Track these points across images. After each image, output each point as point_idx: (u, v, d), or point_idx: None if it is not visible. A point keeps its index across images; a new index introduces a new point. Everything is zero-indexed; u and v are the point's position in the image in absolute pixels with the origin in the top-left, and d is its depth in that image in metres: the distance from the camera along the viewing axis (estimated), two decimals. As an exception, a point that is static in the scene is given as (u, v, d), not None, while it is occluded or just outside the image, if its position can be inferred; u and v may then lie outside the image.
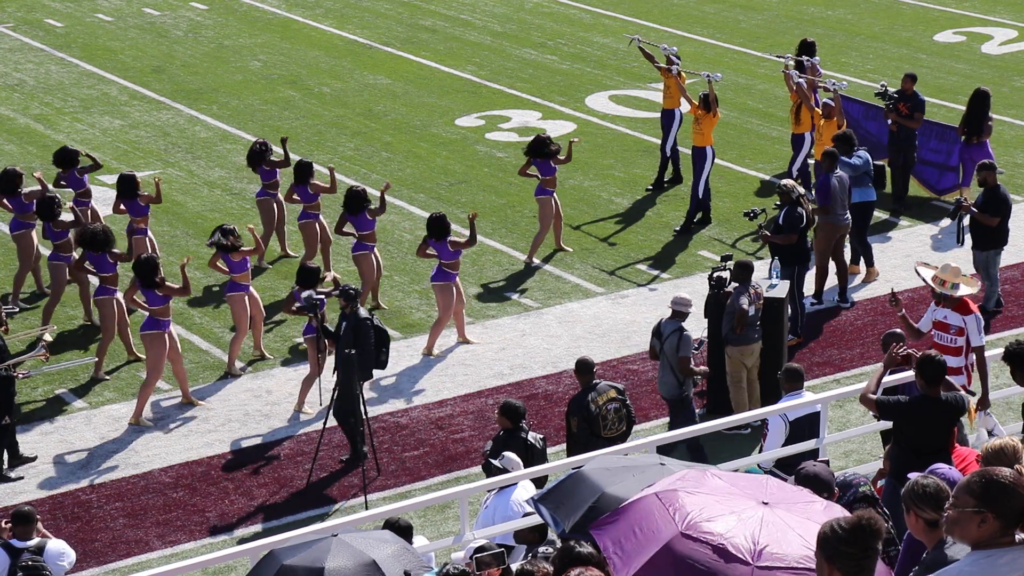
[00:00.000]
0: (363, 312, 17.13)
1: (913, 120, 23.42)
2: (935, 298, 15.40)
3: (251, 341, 19.54)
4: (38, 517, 13.34)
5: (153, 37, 33.54)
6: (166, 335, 17.96)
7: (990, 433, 14.12)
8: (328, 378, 18.00)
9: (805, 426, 14.51)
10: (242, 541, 15.25)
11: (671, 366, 16.62)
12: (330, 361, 17.78)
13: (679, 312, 16.80)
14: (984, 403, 14.77)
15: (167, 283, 17.92)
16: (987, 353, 16.76)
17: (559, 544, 9.93)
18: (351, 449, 17.11)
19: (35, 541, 12.96)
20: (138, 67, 31.40)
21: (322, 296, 17.41)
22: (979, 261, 20.24)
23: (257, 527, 16.07)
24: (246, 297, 18.99)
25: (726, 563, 8.01)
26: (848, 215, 20.55)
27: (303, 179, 20.99)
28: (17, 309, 20.37)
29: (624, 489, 10.23)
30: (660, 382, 16.94)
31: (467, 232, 19.87)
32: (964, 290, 15.24)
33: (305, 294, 17.40)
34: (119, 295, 18.91)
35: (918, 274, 15.87)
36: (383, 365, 17.49)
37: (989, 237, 19.97)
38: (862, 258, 21.55)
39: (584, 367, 15.60)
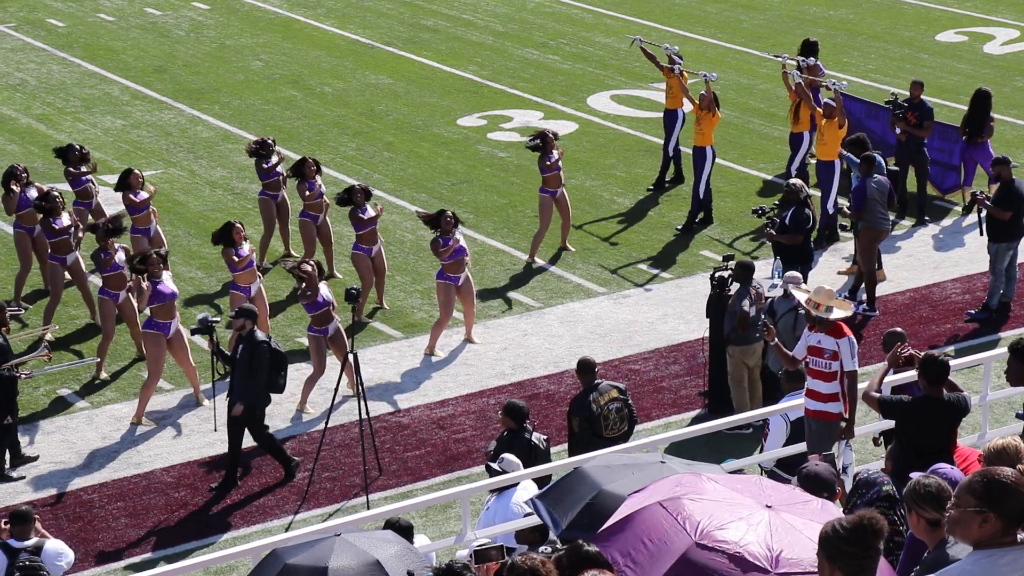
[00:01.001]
0: (260, 335, 16.73)
1: (923, 129, 23.16)
2: (809, 322, 14.78)
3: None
4: (36, 517, 13.34)
5: (155, 37, 33.55)
6: (162, 337, 17.91)
7: (844, 470, 13.54)
8: (331, 378, 18.02)
9: (806, 426, 14.51)
10: (244, 541, 15.24)
11: (784, 343, 16.75)
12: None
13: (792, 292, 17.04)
14: (849, 433, 14.20)
15: (143, 279, 17.85)
16: (989, 353, 16.78)
17: (559, 544, 9.92)
18: (283, 467, 16.88)
19: (33, 541, 12.95)
20: (140, 67, 31.42)
21: (217, 319, 17.35)
22: (990, 253, 20.25)
23: (259, 526, 16.07)
24: (244, 298, 18.98)
25: (744, 572, 8.01)
26: (889, 220, 20.63)
27: (300, 176, 21.08)
28: (23, 310, 20.35)
29: (623, 486, 10.26)
30: (772, 357, 17.11)
31: (468, 232, 19.79)
32: (838, 313, 14.55)
33: (201, 315, 17.35)
34: (122, 296, 18.91)
35: (796, 300, 15.21)
36: (280, 389, 16.98)
37: (1002, 230, 19.98)
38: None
39: (586, 367, 15.59)
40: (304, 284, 17.93)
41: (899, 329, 15.95)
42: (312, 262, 18.32)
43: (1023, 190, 20.16)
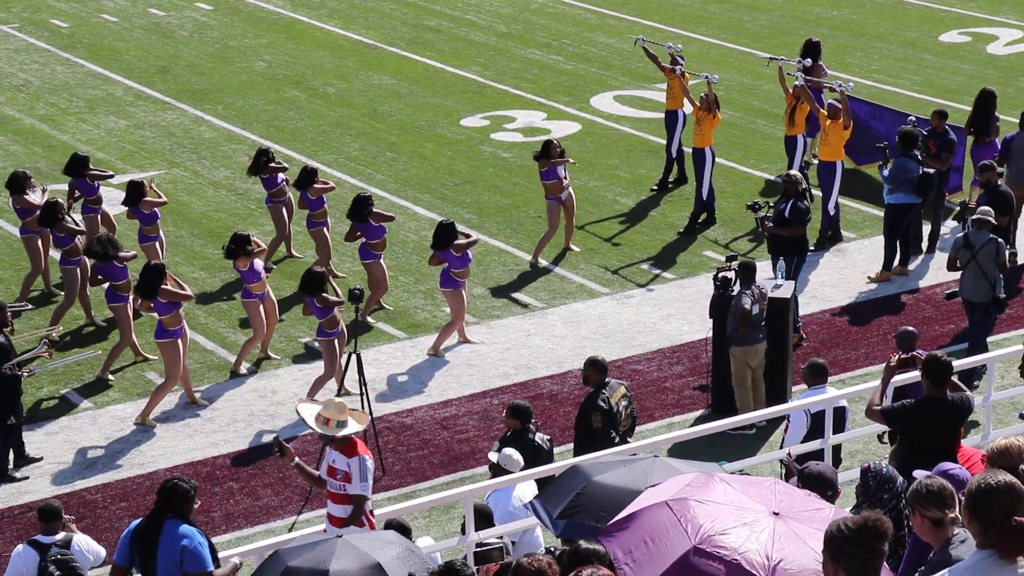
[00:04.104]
0: None
1: (939, 161, 22.30)
2: (322, 440, 13.50)
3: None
4: (72, 519, 13.36)
5: (158, 37, 33.56)
6: (179, 342, 17.89)
7: None
8: (334, 379, 18.03)
9: (826, 419, 14.48)
10: (247, 541, 15.24)
11: (984, 272, 17.92)
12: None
13: (984, 221, 18.19)
14: None
15: (166, 287, 17.78)
16: (992, 353, 16.76)
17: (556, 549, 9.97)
18: None
19: (61, 536, 13.00)
20: (143, 67, 31.43)
21: None
22: None
23: (263, 527, 16.07)
24: (261, 304, 18.97)
25: None
26: None
27: (303, 185, 21.07)
28: (30, 306, 20.30)
29: (613, 477, 10.35)
30: (971, 288, 18.22)
31: (471, 233, 19.77)
32: (352, 427, 13.12)
33: None
34: (130, 298, 18.90)
35: (299, 415, 13.43)
36: None
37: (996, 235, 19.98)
38: (884, 259, 21.55)
39: (601, 366, 15.53)
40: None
41: (911, 328, 15.99)
42: (322, 269, 18.31)
43: (1011, 193, 20.28)
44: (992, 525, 6.96)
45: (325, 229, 21.26)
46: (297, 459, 13.47)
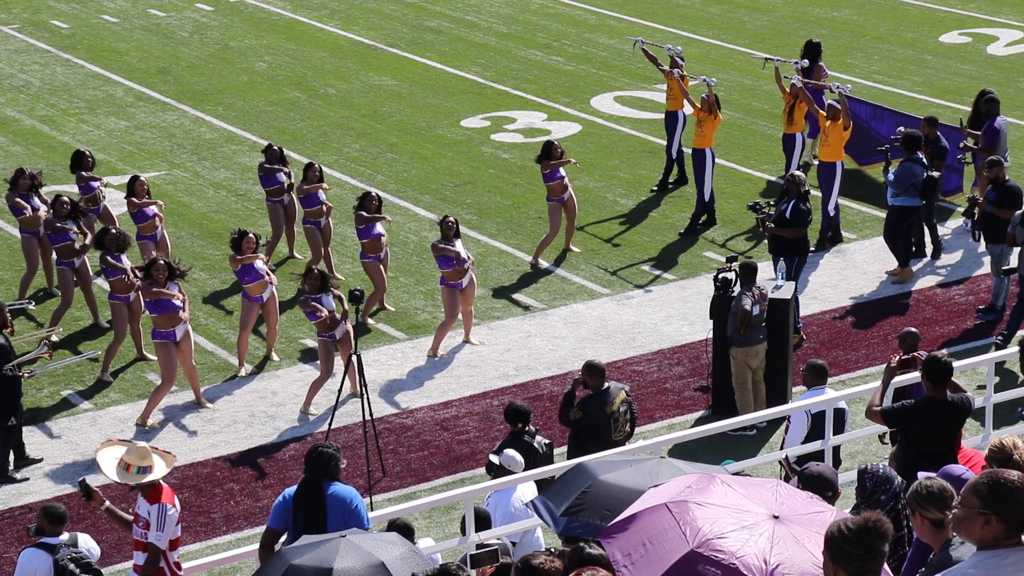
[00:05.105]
0: None
1: (932, 167, 21.98)
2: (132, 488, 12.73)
3: (258, 342, 19.56)
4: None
5: (158, 38, 33.58)
6: (172, 344, 17.87)
7: None
8: (335, 380, 18.02)
9: (826, 420, 14.51)
10: (249, 542, 15.23)
11: None
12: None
13: None
14: None
15: (155, 289, 17.73)
16: (993, 354, 16.74)
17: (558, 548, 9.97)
18: None
19: (67, 535, 13.03)
20: (143, 68, 31.44)
21: None
22: (993, 254, 20.25)
23: (262, 528, 16.02)
24: (256, 306, 18.95)
25: None
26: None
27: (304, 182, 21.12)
28: (31, 304, 20.22)
29: (620, 477, 10.36)
30: None
31: (471, 233, 19.77)
32: (158, 472, 12.29)
33: None
34: (131, 297, 18.90)
35: (97, 463, 12.61)
36: None
37: (1002, 231, 19.96)
38: (899, 257, 21.57)
39: (598, 370, 15.39)
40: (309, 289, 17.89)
41: (914, 329, 15.99)
42: (316, 269, 18.28)
43: (1019, 188, 20.28)
44: (1019, 523, 6.88)
45: (317, 230, 21.23)
46: (107, 503, 12.90)
